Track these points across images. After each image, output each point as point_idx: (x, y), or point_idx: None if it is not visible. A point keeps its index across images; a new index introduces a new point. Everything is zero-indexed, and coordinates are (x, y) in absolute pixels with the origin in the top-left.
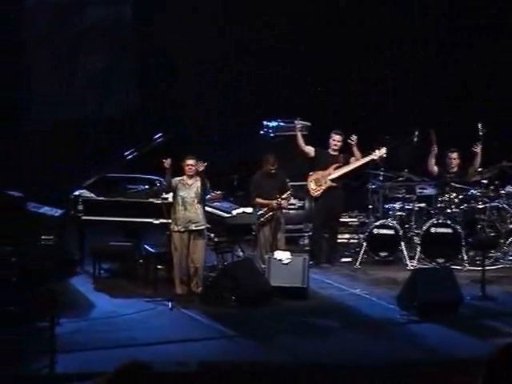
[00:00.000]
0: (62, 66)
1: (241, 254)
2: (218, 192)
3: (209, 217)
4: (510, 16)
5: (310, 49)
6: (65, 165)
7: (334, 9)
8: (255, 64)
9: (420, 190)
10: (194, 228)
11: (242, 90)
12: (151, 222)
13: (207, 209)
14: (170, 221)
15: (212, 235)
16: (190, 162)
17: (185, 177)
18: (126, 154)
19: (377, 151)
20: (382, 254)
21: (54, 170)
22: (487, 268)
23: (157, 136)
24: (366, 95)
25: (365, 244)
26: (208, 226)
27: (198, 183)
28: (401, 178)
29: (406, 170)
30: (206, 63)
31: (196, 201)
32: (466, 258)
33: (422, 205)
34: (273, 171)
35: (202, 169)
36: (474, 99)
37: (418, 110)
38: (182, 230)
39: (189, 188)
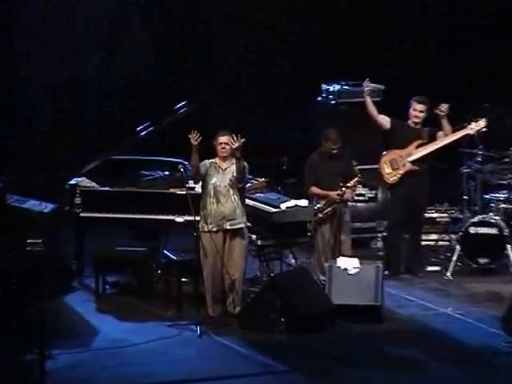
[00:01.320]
0: (56, 17)
1: (292, 261)
2: (262, 179)
3: (250, 212)
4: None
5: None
6: (63, 148)
7: None
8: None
9: None
10: (229, 227)
11: (291, 44)
12: (173, 220)
13: (247, 201)
14: (198, 218)
15: (254, 237)
16: (224, 138)
17: (217, 159)
18: (140, 129)
19: (473, 124)
20: (482, 260)
21: (50, 154)
22: None
23: (179, 105)
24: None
25: (458, 247)
26: (248, 224)
27: (234, 167)
28: (506, 159)
29: None
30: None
31: (232, 191)
32: None
33: None
34: (335, 151)
35: (238, 146)
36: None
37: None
38: (215, 229)
39: (222, 173)
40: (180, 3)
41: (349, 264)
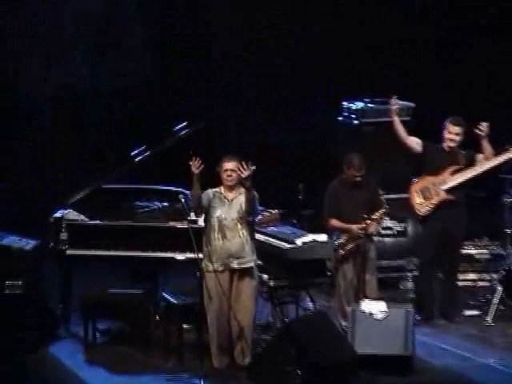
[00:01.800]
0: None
1: (310, 305)
2: (275, 211)
3: (261, 249)
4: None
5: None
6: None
7: None
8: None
9: None
10: (237, 266)
11: (309, 54)
12: (173, 258)
13: (258, 236)
14: (201, 256)
15: (266, 277)
16: (230, 165)
17: (223, 188)
18: (135, 153)
19: None
20: None
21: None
22: None
23: (180, 126)
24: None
25: (500, 288)
26: (259, 262)
27: (243, 197)
28: None
29: None
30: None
31: (240, 224)
32: None
33: None
34: (358, 178)
35: (247, 175)
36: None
37: None
38: (221, 269)
39: (229, 205)
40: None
41: (375, 308)
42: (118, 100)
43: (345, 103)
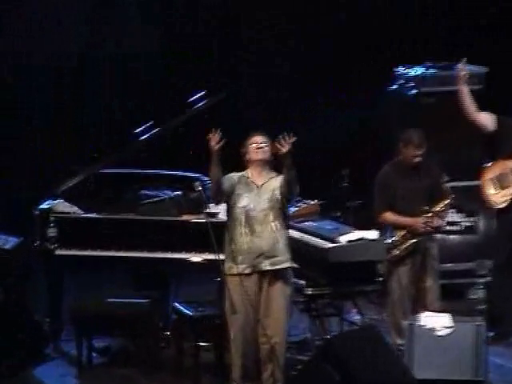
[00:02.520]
0: None
1: (357, 318)
2: (313, 201)
3: (296, 249)
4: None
5: None
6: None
7: None
8: None
9: None
10: (269, 267)
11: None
12: (187, 260)
13: (293, 233)
14: (222, 256)
15: (302, 283)
16: (259, 138)
17: (249, 171)
18: (140, 131)
19: None
20: None
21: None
22: None
23: (196, 97)
24: None
25: None
26: (294, 265)
27: (275, 182)
28: None
29: None
30: None
31: (273, 215)
32: None
33: None
34: (418, 159)
35: (288, 150)
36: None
37: None
38: (248, 271)
39: (258, 192)
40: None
41: (437, 322)
42: (123, 68)
43: (399, 69)
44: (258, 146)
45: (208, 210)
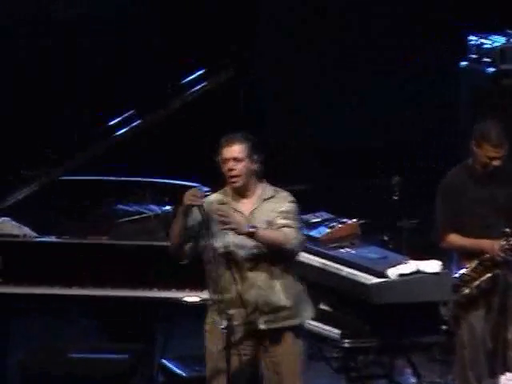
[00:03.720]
0: None
1: (412, 381)
2: (351, 220)
3: (328, 284)
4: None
5: None
6: None
7: None
8: None
9: None
10: (265, 326)
11: None
12: (178, 301)
13: (323, 263)
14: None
15: (337, 333)
16: (233, 150)
17: (229, 189)
18: (115, 123)
19: None
20: None
21: None
22: None
23: (193, 77)
24: None
25: None
26: (325, 308)
27: (277, 206)
28: None
29: None
30: None
31: (270, 256)
32: None
33: None
34: (495, 162)
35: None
36: None
37: None
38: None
39: (246, 222)
40: None
41: None
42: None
43: (472, 38)
44: (229, 170)
45: (209, 232)
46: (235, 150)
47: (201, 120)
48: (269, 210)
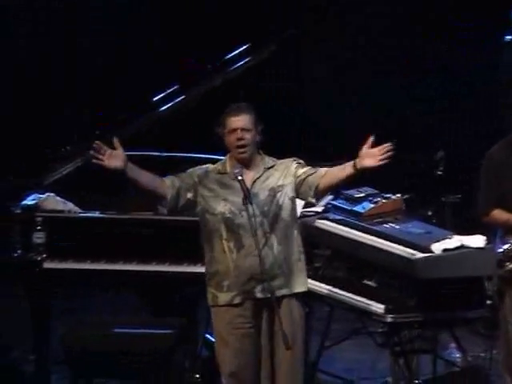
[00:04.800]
0: None
1: (456, 356)
2: (395, 196)
3: (371, 259)
4: None
5: None
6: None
7: None
8: None
9: None
10: (263, 295)
11: None
12: None
13: (367, 238)
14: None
15: (380, 307)
16: (240, 120)
17: (229, 162)
18: (159, 98)
19: None
20: None
21: None
22: None
23: (237, 52)
24: None
25: None
26: (369, 283)
27: (283, 174)
28: None
29: None
30: None
31: (269, 225)
32: None
33: None
34: None
35: (375, 165)
36: None
37: None
38: (237, 300)
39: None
40: None
41: None
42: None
43: None
44: (238, 139)
45: (250, 206)
46: (244, 120)
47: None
48: (271, 178)
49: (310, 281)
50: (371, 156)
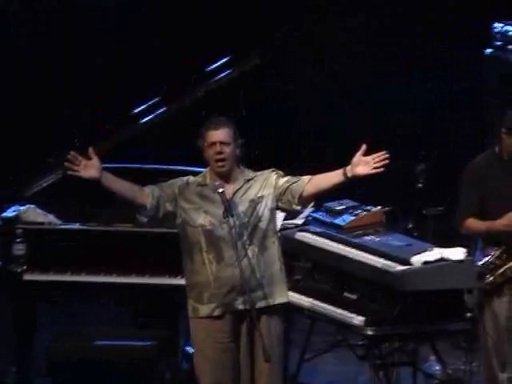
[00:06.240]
0: None
1: (436, 368)
2: (376, 208)
3: (351, 271)
4: None
5: None
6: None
7: None
8: None
9: None
10: (243, 306)
11: None
12: None
13: (347, 251)
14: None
15: (360, 320)
16: (219, 133)
17: (209, 174)
18: (140, 111)
19: None
20: None
21: None
22: None
23: (218, 64)
24: None
25: None
26: (349, 296)
27: (262, 185)
28: None
29: None
30: None
31: (249, 236)
32: None
33: None
34: None
35: (367, 173)
36: None
37: None
38: (217, 313)
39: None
40: None
41: None
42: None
43: (497, 25)
44: (217, 153)
45: (231, 219)
46: (223, 134)
47: (226, 108)
48: (251, 189)
49: (290, 293)
50: (364, 164)
